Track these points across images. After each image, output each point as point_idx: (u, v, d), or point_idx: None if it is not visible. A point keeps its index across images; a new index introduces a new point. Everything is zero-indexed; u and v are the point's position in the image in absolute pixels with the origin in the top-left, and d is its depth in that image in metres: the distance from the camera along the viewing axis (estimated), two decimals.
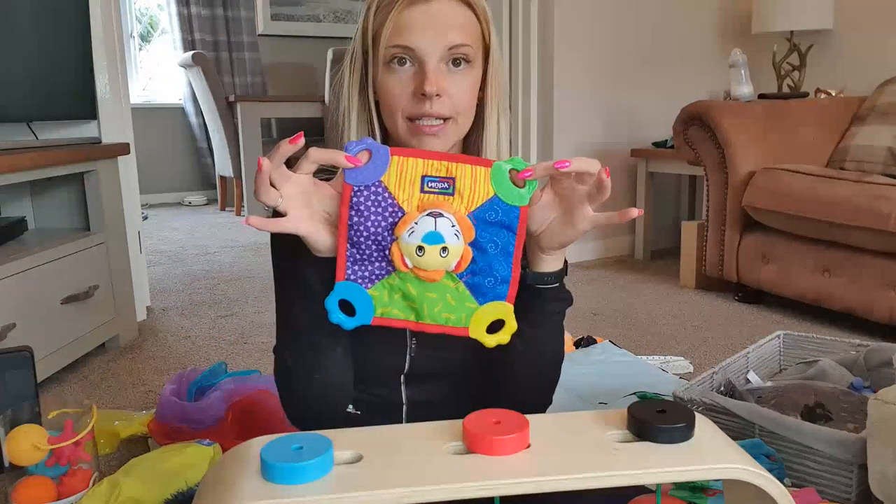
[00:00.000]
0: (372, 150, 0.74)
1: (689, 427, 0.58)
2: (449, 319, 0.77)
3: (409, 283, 0.76)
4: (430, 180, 0.74)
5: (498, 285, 0.76)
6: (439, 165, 0.74)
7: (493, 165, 0.74)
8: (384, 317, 0.77)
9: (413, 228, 0.73)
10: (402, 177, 0.74)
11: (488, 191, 0.74)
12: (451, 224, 0.73)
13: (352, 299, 0.76)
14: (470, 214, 0.74)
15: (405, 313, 0.77)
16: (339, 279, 0.76)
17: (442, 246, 0.73)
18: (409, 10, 0.83)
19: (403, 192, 0.74)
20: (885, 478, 1.04)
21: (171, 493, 1.18)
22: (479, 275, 0.76)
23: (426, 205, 0.74)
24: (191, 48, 5.10)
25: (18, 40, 1.94)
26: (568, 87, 3.18)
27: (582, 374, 1.80)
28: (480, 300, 0.77)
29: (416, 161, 0.74)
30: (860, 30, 3.15)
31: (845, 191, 2.15)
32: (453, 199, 0.74)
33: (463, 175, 0.74)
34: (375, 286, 0.77)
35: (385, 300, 0.77)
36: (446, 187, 0.74)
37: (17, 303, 1.69)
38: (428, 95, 0.83)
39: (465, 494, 0.52)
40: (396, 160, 0.74)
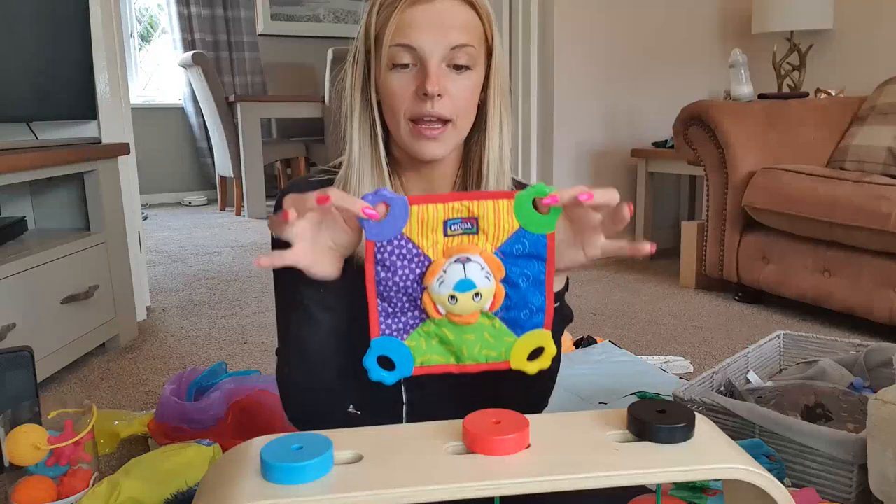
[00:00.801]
0: (390, 203, 0.70)
1: (689, 427, 0.58)
2: (489, 356, 0.75)
3: (445, 328, 0.74)
4: (452, 223, 0.71)
5: (534, 315, 0.75)
6: (460, 206, 0.71)
7: (515, 197, 0.71)
8: (424, 365, 0.75)
9: (442, 278, 0.71)
10: (423, 225, 0.71)
11: (513, 223, 0.72)
12: (481, 267, 0.71)
13: (390, 354, 0.74)
14: (497, 251, 0.72)
15: (445, 358, 0.75)
16: (374, 335, 0.74)
17: (474, 292, 0.71)
18: (411, 10, 0.83)
19: (427, 240, 0.71)
20: (885, 478, 1.04)
21: (171, 493, 1.18)
22: (515, 308, 0.74)
23: (452, 250, 0.71)
24: (191, 48, 5.10)
25: (18, 40, 1.94)
26: (568, 87, 3.18)
27: (582, 374, 1.80)
28: (518, 332, 0.75)
29: (437, 206, 0.71)
30: (860, 30, 3.15)
31: (845, 191, 2.15)
32: (478, 238, 0.72)
33: (485, 212, 0.71)
34: (411, 336, 0.75)
35: (423, 348, 0.75)
36: (470, 227, 0.71)
37: (17, 303, 1.69)
38: (430, 95, 0.83)
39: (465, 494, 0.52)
40: (416, 209, 0.71)
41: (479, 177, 0.93)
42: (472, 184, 0.94)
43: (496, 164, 0.92)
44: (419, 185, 0.95)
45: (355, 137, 0.90)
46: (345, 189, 0.91)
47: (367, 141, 0.90)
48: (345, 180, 0.91)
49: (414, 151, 0.88)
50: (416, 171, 0.94)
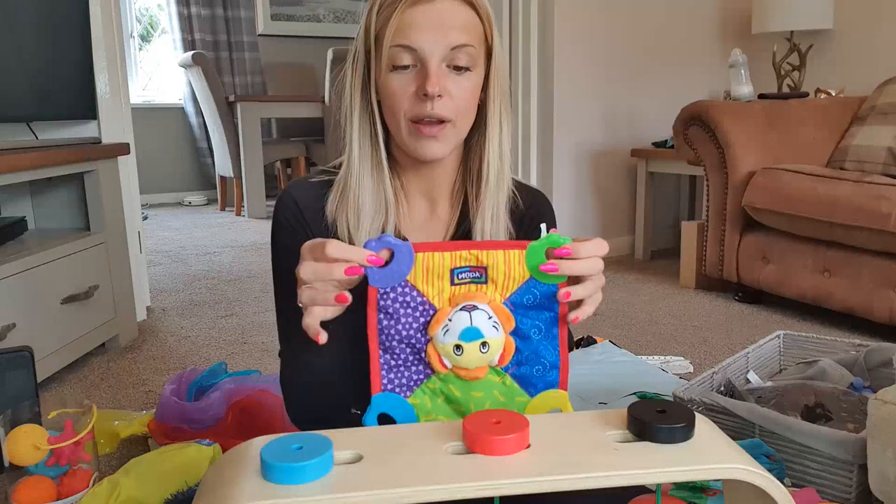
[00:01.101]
0: (394, 249, 0.67)
1: (689, 427, 0.58)
2: None
3: (452, 385, 0.70)
4: (459, 272, 0.68)
5: (547, 372, 0.70)
6: (468, 255, 0.67)
7: (528, 248, 0.68)
8: None
9: (447, 326, 0.67)
10: (428, 272, 0.67)
11: (524, 273, 0.68)
12: (488, 316, 0.68)
13: (391, 412, 0.70)
14: (506, 301, 0.69)
15: (451, 418, 0.71)
16: (375, 391, 0.70)
17: (481, 341, 0.67)
18: (411, 11, 0.83)
19: (433, 288, 0.68)
20: (885, 478, 1.04)
21: (171, 493, 1.18)
22: (526, 364, 0.70)
23: (458, 298, 0.68)
24: (191, 48, 5.10)
25: (18, 40, 1.94)
26: (568, 87, 3.18)
27: (582, 374, 1.80)
28: (532, 391, 0.71)
29: (443, 255, 0.67)
30: (860, 30, 3.15)
31: (845, 191, 2.15)
32: (487, 288, 0.68)
33: (495, 262, 0.67)
34: (415, 393, 0.70)
35: (428, 407, 0.70)
36: (478, 276, 0.68)
37: (17, 303, 1.69)
38: (430, 95, 0.83)
39: (465, 494, 0.52)
40: (421, 256, 0.67)
41: (479, 177, 0.92)
42: (471, 184, 0.94)
43: (496, 164, 0.92)
44: (419, 186, 0.95)
45: (355, 138, 0.90)
46: (345, 190, 0.91)
47: (367, 141, 0.90)
48: (345, 181, 0.91)
49: (414, 151, 0.88)
50: (416, 172, 0.94)
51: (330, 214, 0.91)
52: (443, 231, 0.97)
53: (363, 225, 0.90)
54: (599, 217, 3.36)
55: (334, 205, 0.91)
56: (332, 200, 0.91)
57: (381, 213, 0.91)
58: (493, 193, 0.92)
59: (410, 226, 0.95)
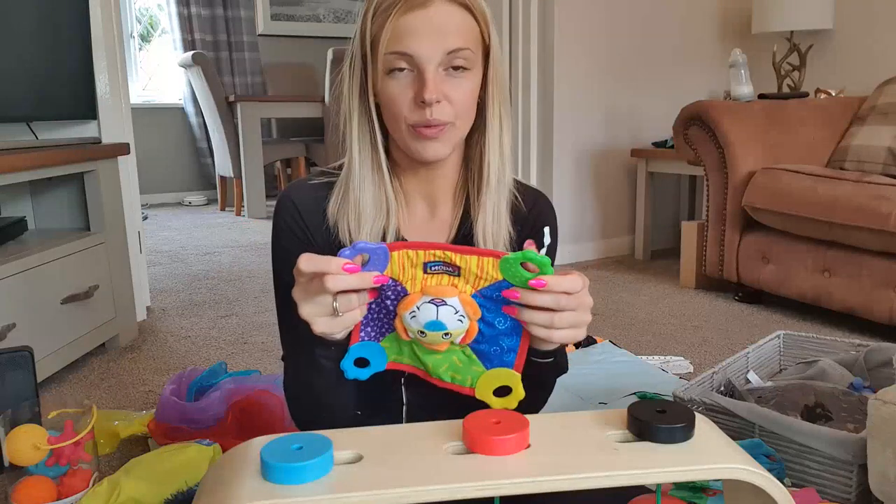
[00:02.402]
0: (369, 254, 0.69)
1: (689, 427, 0.58)
2: (455, 378, 0.76)
3: (415, 346, 0.76)
4: (433, 265, 0.71)
5: (505, 354, 0.75)
6: (442, 255, 0.70)
7: (501, 260, 0.69)
8: (396, 362, 0.78)
9: (415, 313, 0.71)
10: (403, 264, 0.71)
11: (496, 275, 0.70)
12: (455, 311, 0.71)
13: (365, 354, 0.77)
14: (476, 294, 0.71)
15: (415, 363, 0.78)
16: (353, 342, 0.76)
17: (444, 332, 0.72)
18: (406, 17, 0.82)
19: (406, 274, 0.71)
20: (885, 478, 1.04)
21: (171, 493, 1.18)
22: (485, 343, 0.74)
23: (430, 288, 0.71)
24: (191, 48, 5.10)
25: (18, 40, 1.94)
26: (568, 87, 3.18)
27: (582, 374, 1.80)
28: (487, 365, 0.75)
29: (418, 252, 0.70)
30: (860, 30, 3.15)
31: (845, 191, 2.15)
32: (459, 280, 0.71)
33: (468, 265, 0.70)
34: (386, 338, 0.77)
35: (396, 350, 0.77)
36: (451, 270, 0.71)
37: (17, 303, 1.69)
38: (428, 102, 0.82)
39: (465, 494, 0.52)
40: (397, 255, 0.70)
41: (480, 178, 0.92)
42: (473, 185, 0.94)
43: (497, 164, 0.92)
44: (420, 188, 0.95)
45: (355, 141, 0.90)
46: (346, 194, 0.90)
47: (367, 145, 0.90)
48: (345, 184, 0.91)
49: (415, 153, 0.87)
50: (417, 174, 0.94)
51: (331, 217, 0.91)
52: (445, 232, 0.96)
53: (364, 228, 0.89)
54: (599, 217, 3.36)
55: (335, 208, 0.91)
56: (332, 203, 0.91)
57: (382, 216, 0.91)
58: (495, 193, 0.92)
59: (411, 228, 0.95)
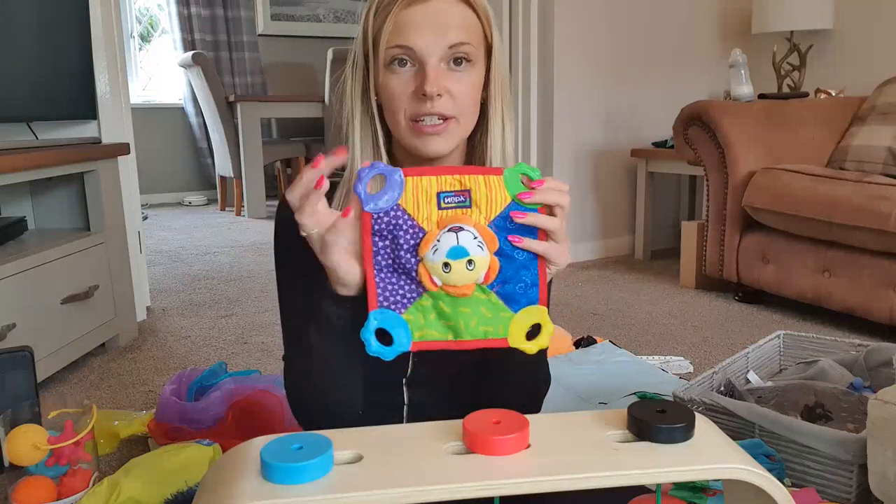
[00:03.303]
0: (385, 174, 0.72)
1: (689, 427, 0.58)
2: (487, 332, 0.75)
3: (442, 302, 0.74)
4: (445, 196, 0.73)
5: (529, 289, 0.75)
6: (452, 180, 0.73)
7: (503, 172, 0.74)
8: (423, 339, 0.76)
9: (436, 246, 0.72)
10: (418, 197, 0.73)
11: (505, 197, 0.73)
12: (474, 236, 0.72)
13: (388, 327, 0.74)
14: (490, 224, 0.73)
15: (443, 333, 0.76)
16: (372, 308, 0.74)
17: (467, 259, 0.72)
18: (407, 11, 0.82)
19: (421, 212, 0.73)
20: (885, 478, 1.04)
21: (171, 493, 1.18)
22: (510, 283, 0.75)
23: (446, 221, 0.73)
24: (191, 48, 5.10)
25: (18, 40, 1.94)
26: (568, 87, 3.18)
27: (582, 374, 1.80)
28: (514, 307, 0.75)
29: (430, 179, 0.73)
30: (860, 30, 3.15)
31: (845, 191, 2.15)
32: (472, 212, 0.73)
33: (477, 185, 0.73)
34: (409, 310, 0.75)
35: (421, 322, 0.75)
36: (463, 200, 0.73)
37: (17, 303, 1.69)
38: (429, 95, 0.82)
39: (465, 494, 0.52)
40: (411, 181, 0.73)
41: None
42: None
43: (499, 162, 0.91)
44: None
45: (357, 142, 0.90)
46: (348, 194, 0.90)
47: (369, 145, 0.90)
48: (348, 185, 0.91)
49: (417, 149, 0.87)
50: None
51: None
52: None
53: None
54: (599, 217, 3.36)
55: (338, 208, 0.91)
56: (335, 204, 0.91)
57: None
58: None
59: None
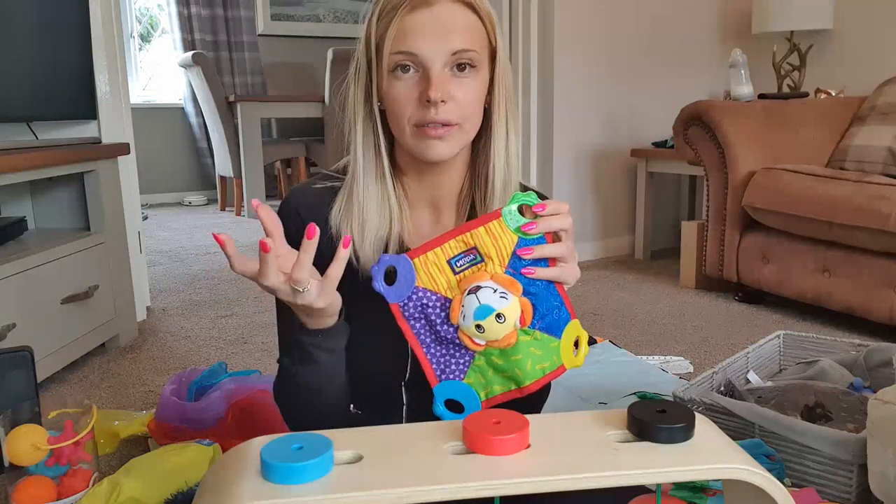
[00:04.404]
0: (394, 264, 0.75)
1: (689, 427, 0.58)
2: (544, 369, 0.77)
3: (493, 356, 0.77)
4: (456, 260, 0.75)
5: (562, 312, 0.78)
6: (456, 244, 0.75)
7: (501, 212, 0.75)
8: (489, 397, 0.78)
9: (464, 311, 0.74)
10: (430, 272, 0.75)
11: (511, 238, 0.75)
12: (493, 290, 0.73)
13: (454, 396, 0.78)
14: (507, 269, 0.75)
15: (505, 385, 0.78)
16: (433, 384, 0.78)
17: (495, 315, 0.73)
18: (411, 16, 0.82)
19: (440, 284, 0.75)
20: (885, 478, 1.04)
21: (171, 493, 1.18)
22: (547, 315, 0.77)
23: (466, 282, 0.75)
24: (191, 48, 5.10)
25: (18, 40, 1.94)
26: (568, 87, 3.18)
27: (582, 374, 1.80)
28: (557, 334, 0.78)
29: (436, 252, 0.75)
30: (860, 30, 3.15)
31: (845, 191, 2.15)
32: (486, 265, 0.75)
33: (481, 239, 0.75)
34: (467, 374, 0.78)
35: (482, 381, 0.78)
36: (473, 258, 0.75)
37: (17, 303, 1.69)
38: (433, 101, 0.82)
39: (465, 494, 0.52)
40: (419, 262, 0.75)
41: (486, 182, 0.91)
42: (478, 189, 0.93)
43: (503, 170, 0.91)
44: (424, 193, 0.94)
45: (359, 148, 0.89)
46: (349, 200, 0.90)
47: (371, 151, 0.90)
48: (350, 190, 0.91)
49: (420, 153, 0.87)
50: (421, 179, 0.93)
51: (334, 226, 0.90)
52: None
53: (368, 236, 0.89)
54: (599, 217, 3.36)
55: (339, 215, 0.91)
56: (336, 211, 0.91)
57: (386, 224, 0.90)
58: (500, 200, 0.91)
59: (415, 235, 0.94)
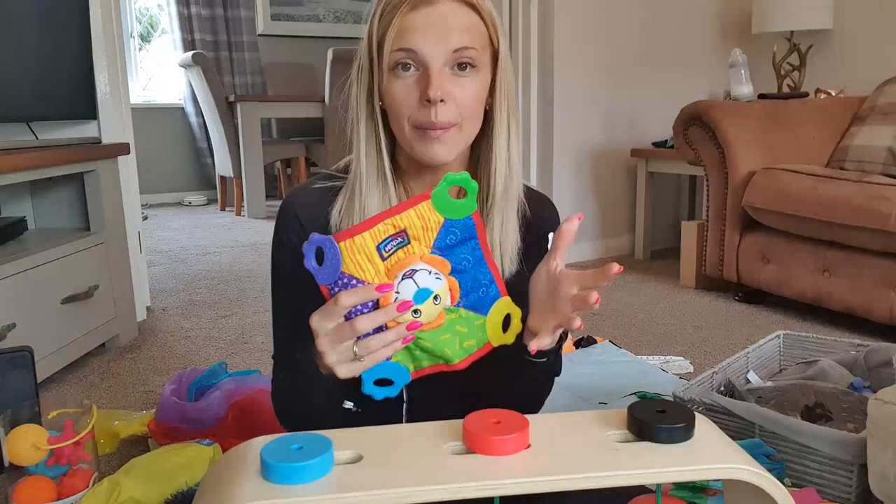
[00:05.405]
0: (321, 245, 0.71)
1: (689, 427, 0.58)
2: (471, 346, 0.78)
3: (421, 339, 0.76)
4: (384, 244, 0.72)
5: (489, 289, 0.77)
6: (385, 227, 0.72)
7: (431, 194, 0.73)
8: (418, 369, 0.79)
9: (397, 297, 0.72)
10: (356, 259, 0.71)
11: (438, 219, 0.74)
12: (428, 272, 0.73)
13: (383, 374, 0.77)
14: (433, 250, 0.74)
15: (433, 361, 0.79)
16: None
17: (433, 296, 0.73)
18: (412, 14, 0.82)
19: (367, 272, 0.72)
20: (885, 478, 1.04)
21: (171, 493, 1.18)
22: (472, 292, 0.77)
23: (394, 268, 0.73)
24: (191, 48, 5.10)
25: (18, 40, 1.94)
26: (568, 87, 3.18)
27: (582, 374, 1.80)
28: (484, 311, 0.78)
29: (363, 236, 0.71)
30: (860, 30, 3.15)
31: (845, 191, 2.15)
32: (412, 247, 0.73)
33: (410, 221, 0.73)
34: (395, 355, 0.77)
35: (411, 357, 0.78)
36: (401, 241, 0.73)
37: (17, 303, 1.69)
38: (433, 100, 0.82)
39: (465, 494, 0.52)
40: (345, 245, 0.71)
41: (488, 186, 0.91)
42: (480, 191, 0.93)
43: (504, 171, 0.91)
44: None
45: (361, 148, 0.89)
46: (351, 199, 0.90)
47: (373, 151, 0.89)
48: (351, 189, 0.91)
49: (419, 155, 0.87)
50: (422, 179, 0.93)
51: (334, 226, 0.90)
52: None
53: None
54: (599, 217, 3.36)
55: (340, 215, 0.91)
56: (337, 211, 0.91)
57: None
58: (502, 202, 0.91)
59: None
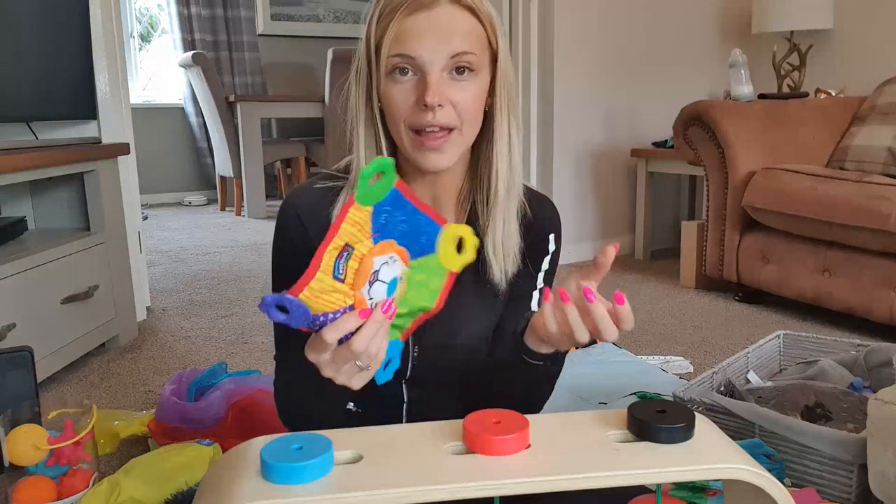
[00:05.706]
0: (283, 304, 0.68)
1: (689, 427, 0.58)
2: (438, 287, 0.76)
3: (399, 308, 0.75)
4: (336, 270, 0.71)
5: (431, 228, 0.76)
6: (329, 256, 0.70)
7: (354, 198, 0.72)
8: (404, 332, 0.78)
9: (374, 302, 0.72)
10: (322, 298, 0.70)
11: (367, 211, 0.72)
12: (384, 262, 0.72)
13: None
14: (374, 237, 0.73)
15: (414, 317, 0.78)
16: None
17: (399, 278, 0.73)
18: (410, 19, 0.82)
19: (338, 301, 0.71)
20: (885, 478, 1.04)
21: (171, 493, 1.18)
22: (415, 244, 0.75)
23: (358, 280, 0.72)
24: (191, 48, 5.10)
25: (18, 40, 1.94)
26: (568, 86, 3.18)
27: (582, 374, 1.80)
28: (432, 249, 0.76)
29: (317, 278, 0.69)
30: (860, 30, 3.15)
31: (845, 191, 2.15)
32: (358, 250, 0.72)
33: (346, 233, 0.71)
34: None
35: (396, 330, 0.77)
36: (347, 254, 0.72)
37: (17, 303, 1.69)
38: (430, 106, 0.81)
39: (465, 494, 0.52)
40: (304, 296, 0.69)
41: (489, 187, 0.91)
42: (481, 192, 0.92)
43: (505, 174, 0.90)
44: (424, 193, 0.94)
45: (361, 150, 0.89)
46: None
47: (373, 152, 0.89)
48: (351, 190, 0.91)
49: (417, 162, 0.87)
50: (422, 179, 0.93)
51: None
52: None
53: None
54: (599, 217, 3.36)
55: None
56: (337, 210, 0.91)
57: None
58: (503, 203, 0.91)
59: None
